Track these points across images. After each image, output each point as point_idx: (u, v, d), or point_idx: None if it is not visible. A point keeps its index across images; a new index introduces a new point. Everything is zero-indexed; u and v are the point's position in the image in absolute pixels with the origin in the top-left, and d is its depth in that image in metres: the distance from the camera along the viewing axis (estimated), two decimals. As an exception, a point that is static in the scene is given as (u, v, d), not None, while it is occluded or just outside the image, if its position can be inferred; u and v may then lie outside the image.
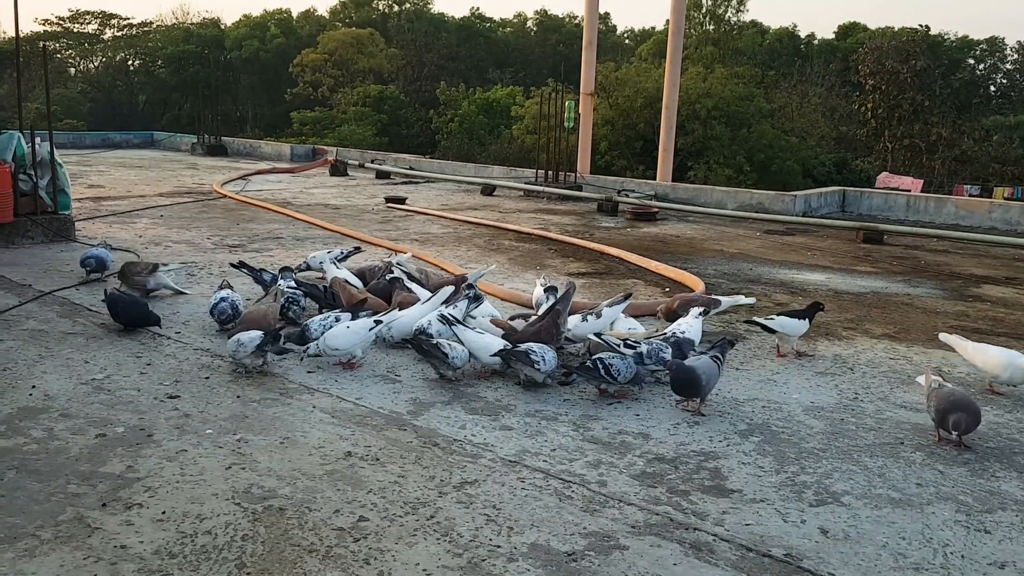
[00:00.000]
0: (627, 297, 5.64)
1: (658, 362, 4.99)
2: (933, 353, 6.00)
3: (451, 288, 5.95)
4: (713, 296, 6.44)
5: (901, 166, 25.47)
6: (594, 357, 4.89)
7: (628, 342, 4.99)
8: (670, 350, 5.05)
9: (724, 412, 4.70)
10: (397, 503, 3.50)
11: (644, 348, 4.95)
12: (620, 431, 4.38)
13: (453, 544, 3.20)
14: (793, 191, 15.32)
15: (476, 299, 5.77)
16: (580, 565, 3.09)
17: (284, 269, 6.75)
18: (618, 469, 3.91)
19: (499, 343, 5.08)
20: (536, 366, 4.83)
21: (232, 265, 7.08)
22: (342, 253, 7.52)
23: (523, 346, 4.98)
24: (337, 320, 5.36)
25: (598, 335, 5.12)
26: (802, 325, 5.73)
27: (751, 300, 6.53)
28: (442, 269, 8.14)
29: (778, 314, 5.89)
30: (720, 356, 4.81)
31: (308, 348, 5.09)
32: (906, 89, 26.00)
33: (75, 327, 5.87)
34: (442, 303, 5.72)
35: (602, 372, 4.76)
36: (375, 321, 5.29)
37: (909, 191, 16.51)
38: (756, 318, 5.85)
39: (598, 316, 5.42)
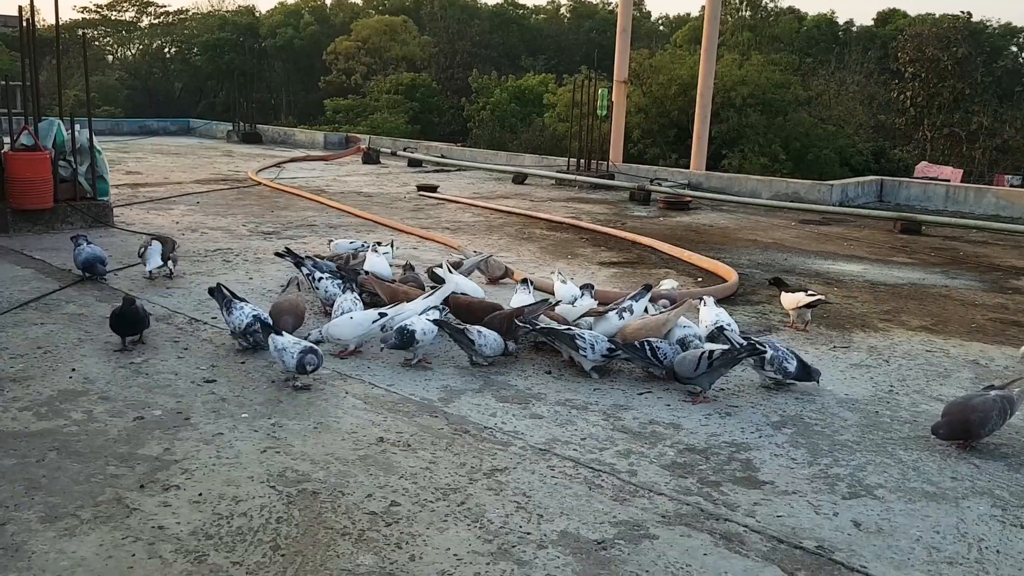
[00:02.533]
0: (647, 289, 5.59)
1: (779, 371, 4.79)
2: (971, 346, 5.91)
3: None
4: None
5: (940, 156, 25.01)
6: (643, 339, 4.90)
7: (753, 343, 4.83)
8: (795, 362, 4.79)
9: (757, 404, 4.67)
10: (428, 489, 3.53)
11: (769, 353, 4.77)
12: (651, 421, 4.37)
13: (483, 530, 3.22)
14: (830, 180, 15.11)
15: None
16: (610, 554, 3.10)
17: (280, 254, 6.70)
18: (648, 459, 3.91)
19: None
20: (477, 347, 5.02)
21: (277, 254, 6.94)
22: (364, 245, 7.40)
23: (470, 327, 5.13)
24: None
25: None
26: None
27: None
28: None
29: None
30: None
31: (310, 335, 5.07)
32: (946, 77, 25.48)
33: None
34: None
35: (648, 354, 4.78)
36: (380, 314, 5.28)
37: (948, 181, 16.19)
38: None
39: (631, 313, 5.39)
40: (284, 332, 4.78)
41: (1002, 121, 26.79)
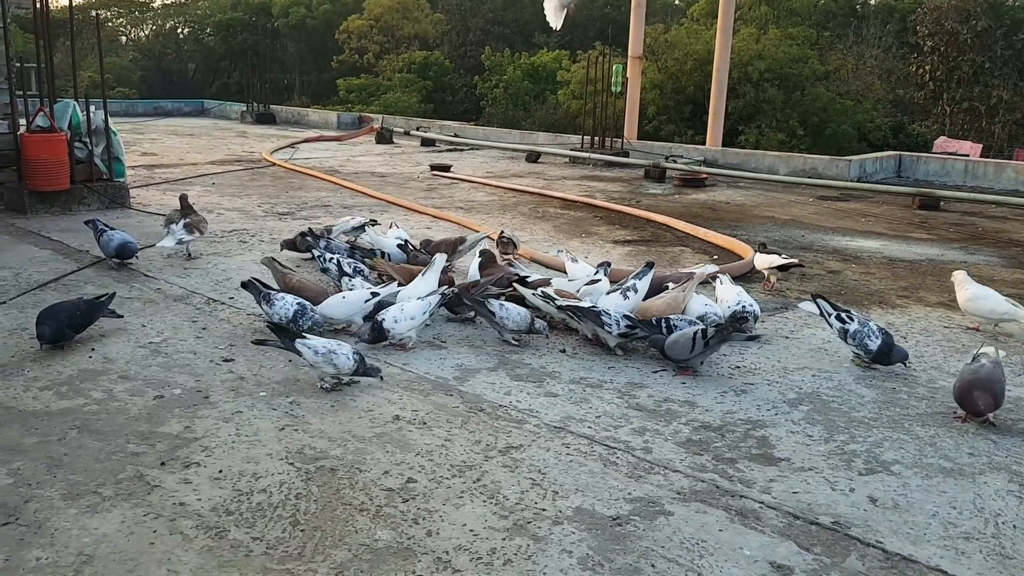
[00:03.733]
0: (650, 266, 5.56)
1: (860, 346, 4.78)
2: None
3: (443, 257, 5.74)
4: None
5: (960, 130, 24.69)
6: (661, 317, 4.92)
7: (841, 315, 4.85)
8: (878, 341, 4.75)
9: (773, 381, 4.67)
10: (444, 466, 3.56)
11: (852, 327, 4.76)
12: (666, 399, 4.37)
13: (499, 507, 3.25)
14: (848, 156, 14.97)
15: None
16: (625, 530, 3.12)
17: (304, 235, 6.70)
18: (663, 436, 3.92)
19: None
20: (498, 319, 5.08)
21: (302, 234, 6.89)
22: (360, 222, 7.37)
23: (492, 300, 5.20)
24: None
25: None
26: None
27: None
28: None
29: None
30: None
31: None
32: (966, 51, 25.10)
33: (132, 292, 6.03)
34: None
35: (664, 330, 4.81)
36: (372, 293, 5.28)
37: (968, 156, 16.00)
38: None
39: (635, 292, 5.37)
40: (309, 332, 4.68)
41: (1022, 95, 26.39)
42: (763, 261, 6.55)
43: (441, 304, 5.23)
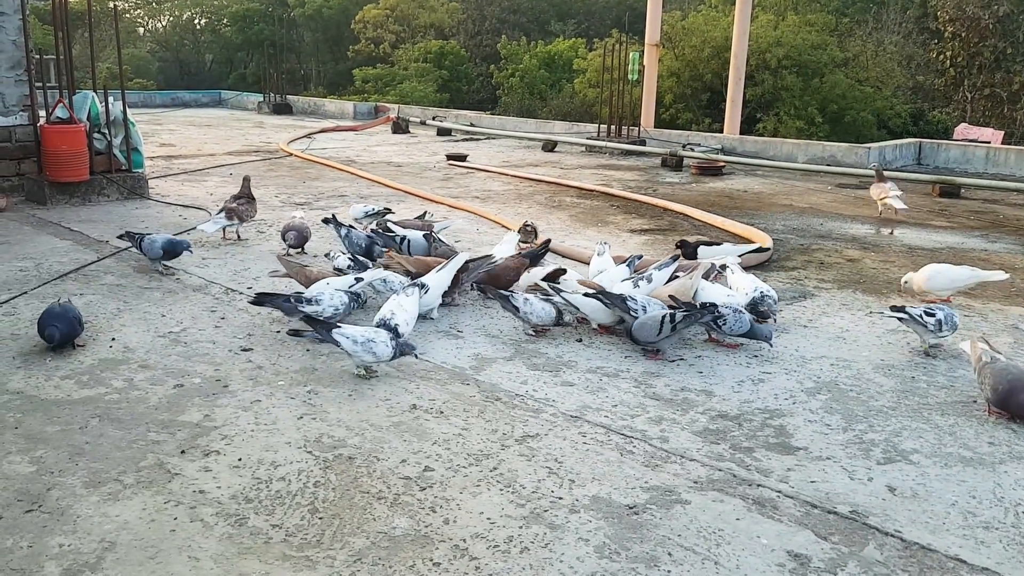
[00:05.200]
0: (675, 259, 5.58)
1: (954, 329, 4.85)
2: (1010, 311, 5.82)
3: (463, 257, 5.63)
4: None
5: (981, 117, 24.36)
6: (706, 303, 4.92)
7: (928, 308, 4.91)
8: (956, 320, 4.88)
9: (791, 370, 4.64)
10: (461, 454, 3.57)
11: (941, 313, 4.81)
12: (683, 388, 4.37)
13: (516, 495, 3.26)
14: (867, 143, 14.84)
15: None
16: (642, 518, 3.12)
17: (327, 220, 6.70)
18: (680, 425, 3.91)
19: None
20: (522, 315, 5.06)
21: (324, 221, 6.84)
22: (373, 209, 7.56)
23: (516, 294, 5.19)
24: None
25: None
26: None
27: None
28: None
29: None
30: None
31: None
32: (987, 36, 24.73)
33: (151, 282, 6.08)
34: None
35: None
36: (356, 279, 5.28)
37: (989, 143, 15.79)
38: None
39: (649, 281, 5.38)
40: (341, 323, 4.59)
41: (1046, 80, 26.00)
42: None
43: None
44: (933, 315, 4.84)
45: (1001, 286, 6.42)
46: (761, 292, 5.25)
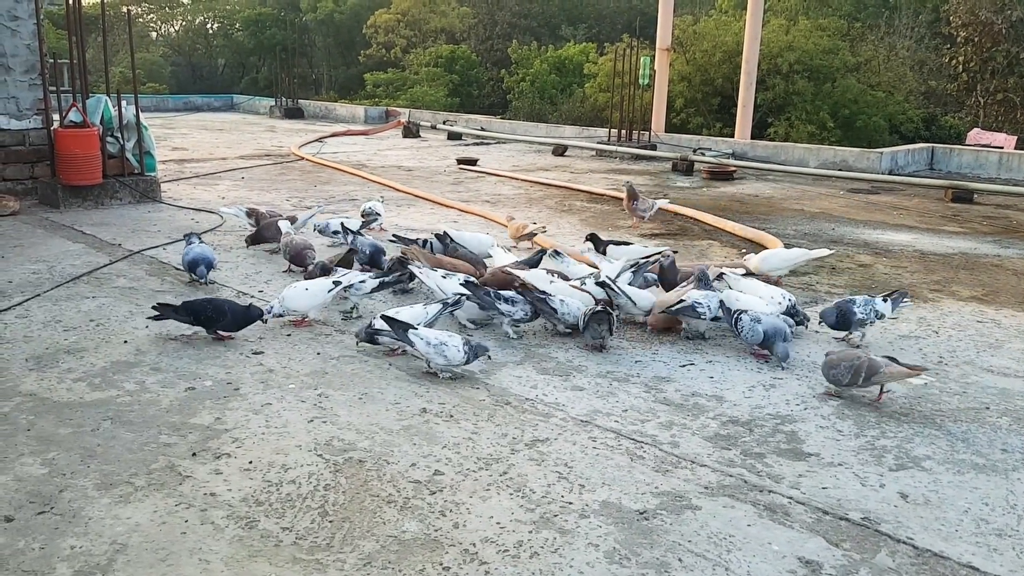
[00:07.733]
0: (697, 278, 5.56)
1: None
2: (1023, 316, 5.78)
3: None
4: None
5: (994, 122, 24.21)
6: (737, 309, 4.94)
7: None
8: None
9: (802, 376, 4.63)
10: (471, 458, 3.57)
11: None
12: (693, 393, 4.35)
13: (526, 499, 3.25)
14: (879, 148, 14.77)
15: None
16: (652, 523, 3.11)
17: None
18: (691, 431, 3.90)
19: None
20: (560, 316, 5.12)
21: (332, 232, 6.98)
22: (370, 209, 7.83)
23: (552, 295, 5.19)
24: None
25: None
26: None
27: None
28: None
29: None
30: None
31: (272, 307, 5.07)
32: (1000, 41, 24.58)
33: (163, 285, 6.10)
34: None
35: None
36: (334, 282, 5.29)
37: (1002, 148, 15.70)
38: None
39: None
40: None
41: (1060, 85, 25.81)
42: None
43: (442, 312, 5.03)
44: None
45: (1014, 291, 6.39)
46: (790, 299, 5.27)
